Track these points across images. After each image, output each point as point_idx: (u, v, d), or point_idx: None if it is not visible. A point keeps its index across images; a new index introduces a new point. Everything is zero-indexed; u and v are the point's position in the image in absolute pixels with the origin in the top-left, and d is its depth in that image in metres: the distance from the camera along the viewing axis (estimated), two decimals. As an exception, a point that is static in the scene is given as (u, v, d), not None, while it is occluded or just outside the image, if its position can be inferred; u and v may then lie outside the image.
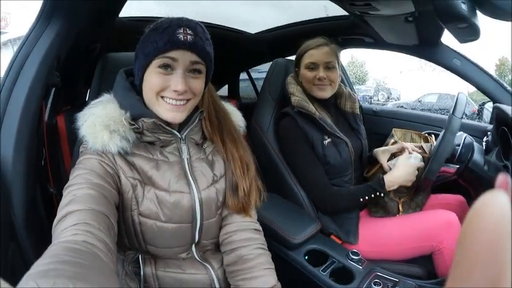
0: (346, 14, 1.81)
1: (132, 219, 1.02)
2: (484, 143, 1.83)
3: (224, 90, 3.32)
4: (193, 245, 1.13)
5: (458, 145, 1.56)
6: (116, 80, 1.11)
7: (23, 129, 1.13)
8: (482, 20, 1.11)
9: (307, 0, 2.09)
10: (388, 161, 1.69)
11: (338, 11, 1.66)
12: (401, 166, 1.59)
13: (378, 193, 1.55)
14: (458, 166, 1.63)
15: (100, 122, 0.98)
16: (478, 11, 1.07)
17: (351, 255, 1.43)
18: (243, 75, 3.33)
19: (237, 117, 1.28)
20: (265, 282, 1.07)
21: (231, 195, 1.14)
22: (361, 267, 1.40)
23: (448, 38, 1.70)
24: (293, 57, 1.87)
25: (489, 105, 2.14)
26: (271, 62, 2.10)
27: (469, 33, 1.14)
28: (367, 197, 1.55)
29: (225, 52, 2.32)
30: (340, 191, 1.62)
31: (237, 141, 1.19)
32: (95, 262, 0.66)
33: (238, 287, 1.09)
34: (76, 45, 1.33)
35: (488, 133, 1.88)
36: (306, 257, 1.46)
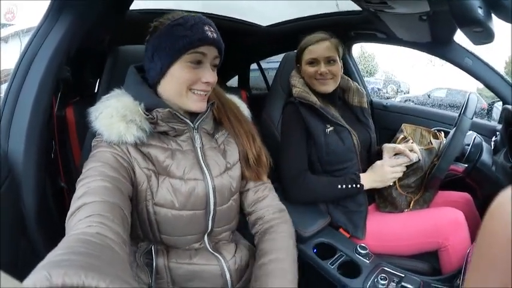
0: (359, 9, 1.81)
1: (147, 209, 1.05)
2: (492, 143, 1.84)
3: (234, 81, 3.33)
4: (206, 235, 1.16)
5: (468, 145, 1.58)
6: (127, 75, 1.14)
7: (33, 125, 1.15)
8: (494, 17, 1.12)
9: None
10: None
11: (350, 4, 1.66)
12: (377, 168, 1.60)
13: (354, 185, 1.56)
14: (466, 165, 1.64)
15: (116, 112, 1.01)
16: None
17: (358, 249, 1.45)
18: (253, 65, 3.34)
19: (242, 107, 1.34)
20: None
21: (245, 166, 1.23)
22: (368, 262, 1.42)
23: (460, 36, 1.70)
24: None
25: (499, 104, 2.14)
26: (282, 54, 2.11)
27: (484, 36, 1.14)
28: (344, 186, 1.56)
29: (236, 44, 2.32)
30: (318, 176, 1.63)
31: (239, 117, 1.28)
32: (108, 254, 0.67)
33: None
34: (86, 39, 1.33)
35: (497, 133, 1.89)
36: (315, 250, 1.48)
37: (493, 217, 0.29)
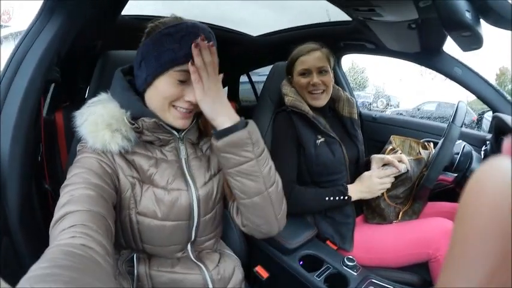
0: (349, 19, 1.81)
1: (130, 218, 1.02)
2: (482, 152, 1.83)
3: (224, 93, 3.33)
4: (189, 244, 1.14)
5: (457, 153, 1.56)
6: (114, 79, 1.09)
7: (20, 124, 1.13)
8: (484, 29, 1.11)
9: (309, 0, 2.07)
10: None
11: (340, 15, 1.66)
12: (365, 179, 1.59)
13: (342, 196, 1.54)
14: (456, 175, 1.63)
15: (102, 120, 0.97)
16: (481, 20, 1.07)
17: (346, 261, 1.42)
18: (243, 78, 3.33)
19: None
20: None
21: None
22: (356, 274, 1.39)
23: (450, 46, 1.70)
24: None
25: (489, 115, 2.15)
26: (271, 66, 2.10)
27: (473, 41, 1.13)
28: (331, 197, 1.54)
29: (226, 54, 2.32)
30: (306, 188, 1.61)
31: None
32: (92, 266, 0.65)
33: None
34: (77, 41, 1.32)
35: (487, 142, 1.88)
36: (301, 262, 1.45)
37: (476, 181, 0.26)
